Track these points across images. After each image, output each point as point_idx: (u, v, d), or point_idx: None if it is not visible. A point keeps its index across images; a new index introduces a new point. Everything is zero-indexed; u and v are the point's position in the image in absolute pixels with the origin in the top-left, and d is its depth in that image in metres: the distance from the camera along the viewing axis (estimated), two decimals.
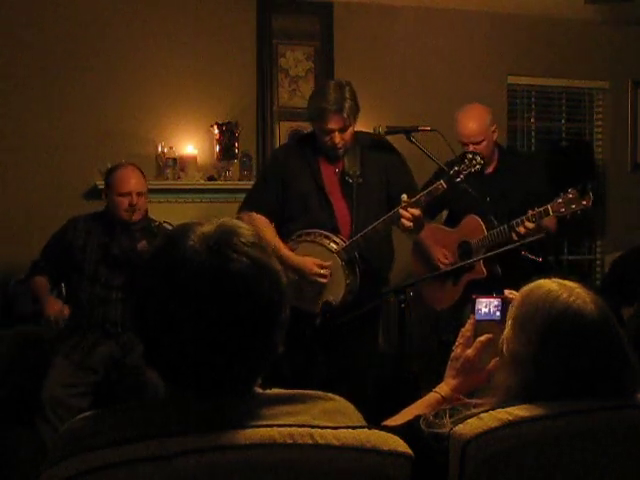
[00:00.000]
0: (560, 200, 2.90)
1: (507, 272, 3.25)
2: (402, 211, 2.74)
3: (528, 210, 3.01)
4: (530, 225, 2.96)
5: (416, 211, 2.75)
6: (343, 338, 2.98)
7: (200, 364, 1.00)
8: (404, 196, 2.77)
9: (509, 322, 1.34)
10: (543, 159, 4.92)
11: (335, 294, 2.88)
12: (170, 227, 3.18)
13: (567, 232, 4.92)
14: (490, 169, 3.40)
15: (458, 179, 2.78)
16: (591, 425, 1.20)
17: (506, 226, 3.07)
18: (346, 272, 2.88)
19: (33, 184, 4.19)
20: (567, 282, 1.32)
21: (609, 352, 1.25)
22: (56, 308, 2.93)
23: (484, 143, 3.26)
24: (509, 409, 1.19)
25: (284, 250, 2.90)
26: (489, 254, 3.01)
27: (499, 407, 1.21)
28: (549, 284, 1.32)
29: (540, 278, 1.36)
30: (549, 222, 3.10)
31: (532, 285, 1.34)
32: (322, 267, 2.85)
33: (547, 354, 1.25)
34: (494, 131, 3.35)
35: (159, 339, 1.02)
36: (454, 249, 3.44)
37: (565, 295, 1.28)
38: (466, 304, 3.34)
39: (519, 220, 3.02)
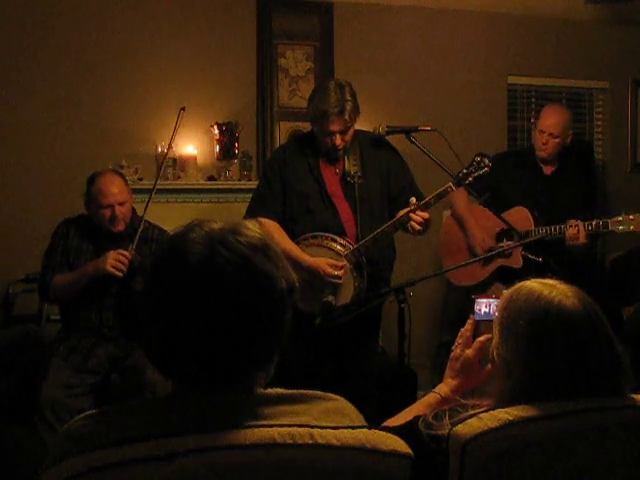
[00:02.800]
0: (620, 218, 3.09)
1: (507, 272, 3.27)
2: (412, 214, 2.75)
3: (568, 217, 3.18)
4: (583, 231, 3.12)
5: (425, 214, 2.77)
6: (343, 338, 2.98)
7: (194, 357, 1.01)
8: (413, 199, 2.78)
9: (496, 329, 1.33)
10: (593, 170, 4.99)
11: (344, 297, 2.87)
12: (155, 225, 3.16)
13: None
14: (549, 170, 3.55)
15: (467, 182, 2.80)
16: (590, 425, 1.20)
17: (562, 226, 3.20)
18: (354, 275, 2.88)
19: (33, 184, 4.18)
20: (548, 280, 1.32)
21: (596, 345, 1.24)
22: (111, 258, 2.86)
23: (558, 140, 3.47)
24: (509, 409, 1.19)
25: (298, 252, 2.87)
26: (492, 252, 3.08)
27: (499, 408, 1.21)
28: (530, 285, 1.32)
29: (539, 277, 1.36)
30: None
31: (513, 288, 1.34)
32: (336, 267, 2.84)
33: (536, 356, 1.25)
34: (569, 135, 3.55)
35: (157, 329, 1.03)
36: (494, 234, 3.49)
37: (546, 292, 1.28)
38: (488, 287, 3.47)
39: (572, 224, 3.15)
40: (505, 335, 1.30)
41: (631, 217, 3.06)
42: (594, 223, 3.13)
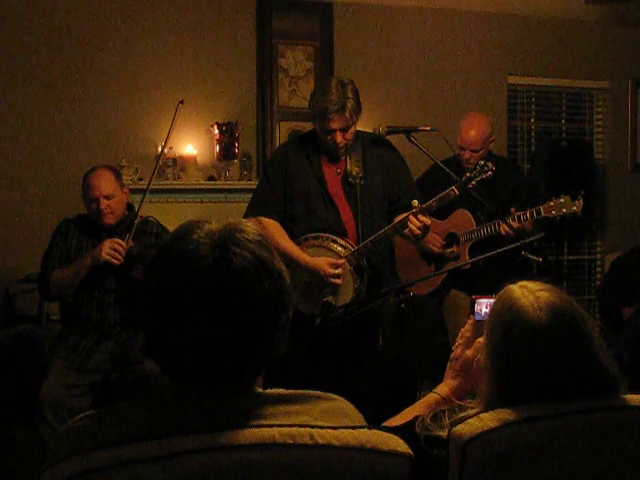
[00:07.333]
0: (552, 203, 3.10)
1: (507, 272, 3.27)
2: (412, 218, 2.76)
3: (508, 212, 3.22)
4: (515, 223, 3.18)
5: (427, 219, 2.77)
6: (343, 338, 2.98)
7: (200, 356, 1.01)
8: (415, 202, 2.78)
9: (485, 329, 1.35)
10: (523, 170, 5.00)
11: (344, 298, 2.87)
12: (154, 221, 3.17)
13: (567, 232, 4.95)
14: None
15: (470, 185, 2.81)
16: (588, 426, 1.20)
17: (496, 222, 3.25)
18: (354, 276, 2.88)
19: (33, 184, 4.19)
20: (533, 286, 1.30)
21: (565, 357, 1.23)
22: (106, 247, 2.88)
23: (482, 152, 3.49)
24: (509, 409, 1.19)
25: (298, 252, 2.86)
26: (493, 252, 3.07)
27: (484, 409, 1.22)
28: (514, 290, 1.31)
29: (538, 278, 1.35)
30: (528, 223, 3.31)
31: (502, 291, 1.34)
32: (336, 266, 2.83)
33: (507, 360, 1.25)
34: (491, 141, 3.59)
35: (161, 329, 1.03)
36: (441, 239, 3.52)
37: (521, 301, 1.27)
38: (447, 293, 3.57)
39: (508, 217, 3.19)
40: (487, 337, 1.32)
41: (561, 200, 3.09)
42: (528, 212, 3.17)
